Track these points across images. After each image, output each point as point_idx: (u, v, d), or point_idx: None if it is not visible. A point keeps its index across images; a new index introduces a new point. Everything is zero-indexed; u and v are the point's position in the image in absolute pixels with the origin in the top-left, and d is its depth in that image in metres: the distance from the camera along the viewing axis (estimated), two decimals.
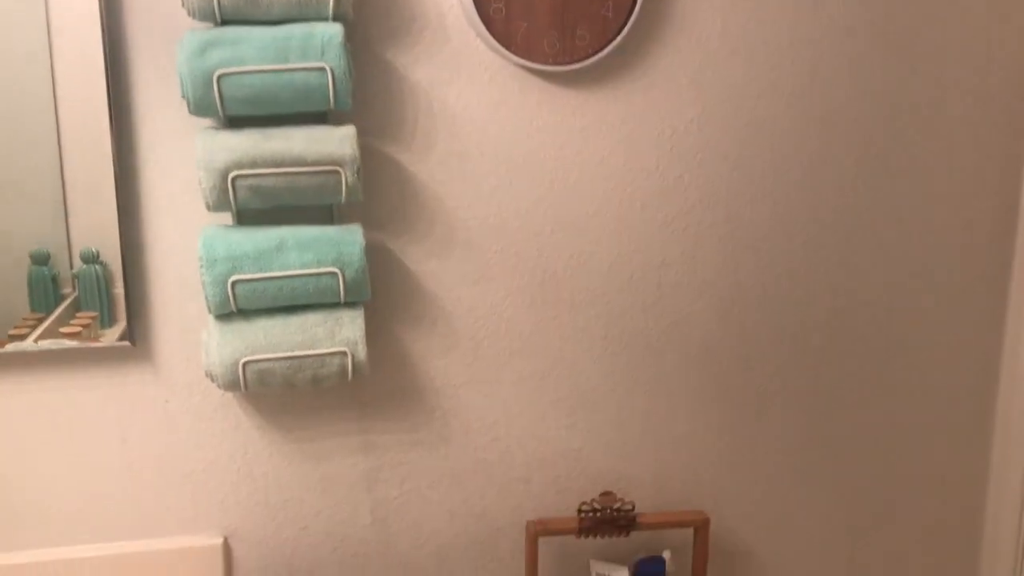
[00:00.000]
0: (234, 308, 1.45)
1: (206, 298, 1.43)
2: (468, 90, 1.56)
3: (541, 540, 1.74)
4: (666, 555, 1.71)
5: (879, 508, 1.86)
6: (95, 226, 1.47)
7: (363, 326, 1.48)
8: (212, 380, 1.48)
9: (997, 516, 1.86)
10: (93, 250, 1.48)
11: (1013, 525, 1.82)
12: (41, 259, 1.47)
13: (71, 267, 1.47)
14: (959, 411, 1.85)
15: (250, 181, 1.39)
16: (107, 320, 1.50)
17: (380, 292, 1.59)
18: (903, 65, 1.68)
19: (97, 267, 1.48)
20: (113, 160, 1.44)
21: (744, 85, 1.64)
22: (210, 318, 1.48)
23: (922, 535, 1.89)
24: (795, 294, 1.74)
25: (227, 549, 1.62)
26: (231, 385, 1.46)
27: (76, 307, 1.49)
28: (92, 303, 1.49)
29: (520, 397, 1.68)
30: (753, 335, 1.74)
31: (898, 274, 1.77)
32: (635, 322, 1.69)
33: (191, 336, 1.54)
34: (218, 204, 1.41)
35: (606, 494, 1.67)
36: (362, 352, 1.48)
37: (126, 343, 1.50)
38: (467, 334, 1.63)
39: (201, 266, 1.42)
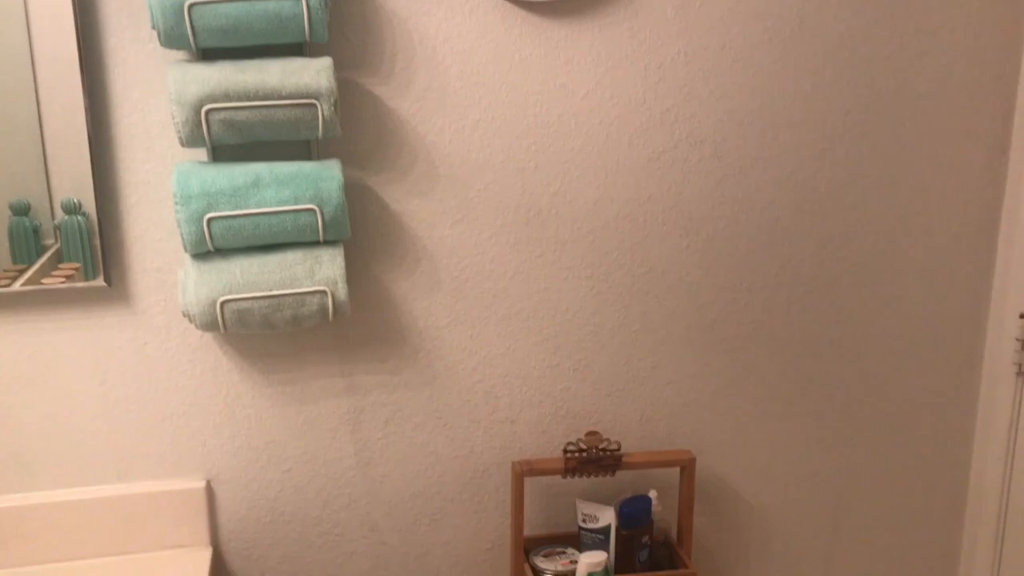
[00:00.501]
0: (211, 247, 1.41)
1: (182, 236, 1.40)
2: (449, 21, 1.51)
3: (527, 481, 1.73)
4: (652, 495, 1.70)
5: (866, 447, 1.86)
6: (76, 176, 1.43)
7: (343, 265, 1.45)
8: (190, 320, 1.45)
9: (984, 453, 1.86)
10: (75, 200, 1.44)
11: (1000, 457, 1.82)
12: (21, 210, 1.43)
13: (53, 218, 1.44)
14: (946, 350, 1.84)
15: (224, 115, 1.35)
16: (91, 272, 1.47)
17: (360, 231, 1.56)
18: None
19: (79, 218, 1.45)
20: (84, 99, 1.40)
21: (731, 17, 1.60)
22: (187, 257, 1.45)
23: (909, 474, 1.89)
24: (782, 233, 1.72)
25: (210, 492, 1.61)
26: (209, 325, 1.44)
27: (59, 259, 1.46)
28: (75, 254, 1.46)
29: (505, 338, 1.66)
30: (740, 274, 1.72)
31: (887, 214, 1.74)
32: (621, 261, 1.67)
33: (168, 277, 1.51)
34: (192, 139, 1.38)
35: (592, 434, 1.66)
36: (342, 291, 1.46)
37: (102, 283, 1.47)
38: (450, 274, 1.61)
39: (176, 203, 1.38)
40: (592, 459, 1.65)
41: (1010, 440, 1.79)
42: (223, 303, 1.42)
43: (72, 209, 1.44)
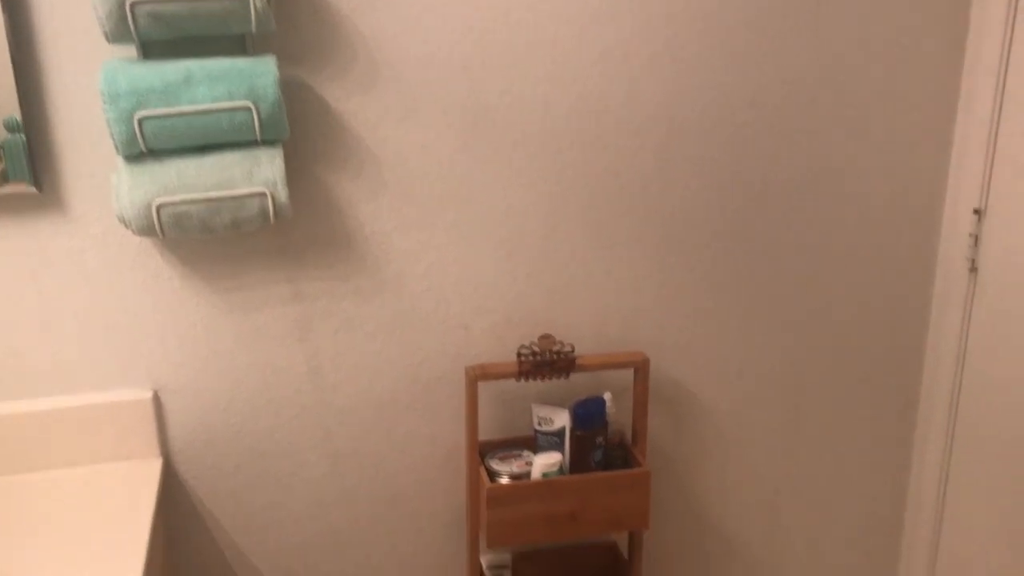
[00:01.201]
0: (143, 147, 1.36)
1: (112, 137, 1.35)
2: None
3: (482, 386, 1.72)
4: (606, 396, 1.70)
5: (822, 347, 1.87)
6: (14, 92, 1.37)
7: (282, 166, 1.41)
8: (126, 226, 1.40)
9: (937, 349, 1.88)
10: (16, 119, 1.38)
11: (952, 351, 1.84)
12: None
13: None
14: (901, 247, 1.83)
15: (150, 6, 1.29)
16: (23, 180, 1.41)
17: (300, 132, 1.51)
18: None
19: (22, 136, 1.39)
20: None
21: None
22: (119, 160, 1.39)
23: (864, 372, 1.90)
24: (738, 133, 1.68)
25: (158, 402, 1.58)
26: (146, 230, 1.39)
27: (4, 178, 1.40)
28: (20, 173, 1.40)
29: (455, 242, 1.63)
30: (694, 174, 1.69)
31: (843, 113, 1.71)
32: (572, 162, 1.63)
33: (103, 183, 1.46)
34: (117, 34, 1.31)
35: (545, 337, 1.65)
36: (283, 193, 1.41)
37: (31, 189, 1.42)
38: (396, 176, 1.57)
39: (104, 102, 1.33)
40: (546, 362, 1.64)
41: (962, 335, 1.80)
42: (159, 207, 1.37)
43: (14, 127, 1.38)
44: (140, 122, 1.33)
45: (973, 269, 1.76)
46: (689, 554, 1.94)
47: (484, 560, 1.78)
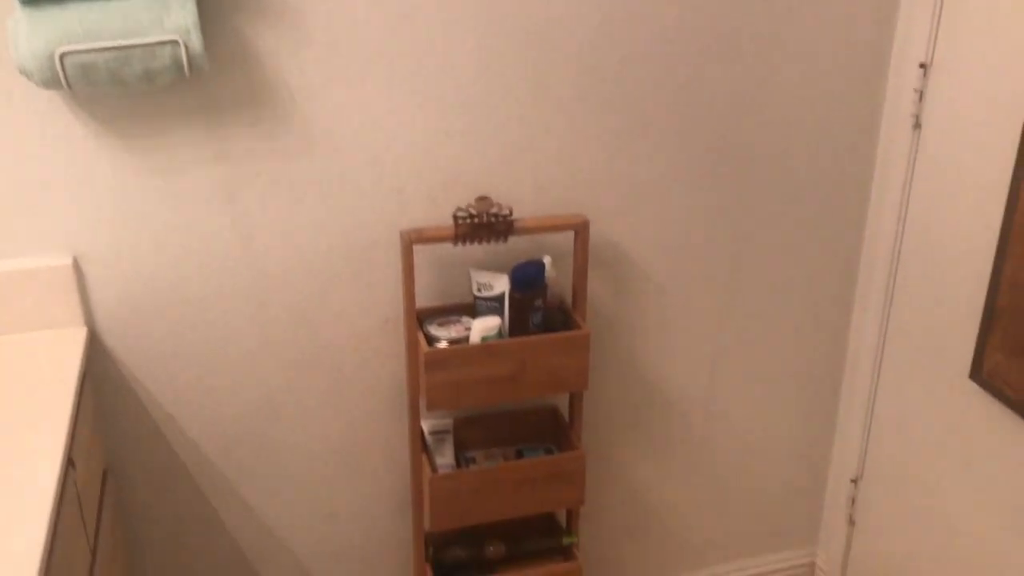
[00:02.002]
0: None
1: None
2: None
3: (419, 252, 1.68)
4: (546, 260, 1.67)
5: (763, 210, 1.84)
6: None
7: (195, 12, 1.32)
8: (28, 78, 1.31)
9: (879, 209, 1.87)
10: None
11: (894, 208, 1.83)
12: None
13: None
14: (846, 104, 1.79)
15: None
16: None
17: None
18: None
19: None
20: None
21: None
22: (15, 4, 1.29)
23: (806, 234, 1.89)
24: None
25: (78, 269, 1.52)
26: (50, 82, 1.30)
27: None
28: None
29: (387, 99, 1.56)
30: (638, 32, 1.62)
31: None
32: (510, 13, 1.55)
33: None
34: None
35: (482, 199, 1.60)
36: (196, 42, 1.33)
37: None
38: (320, 26, 1.48)
39: None
40: (483, 224, 1.60)
41: (904, 192, 1.79)
42: (62, 56, 1.28)
43: None
44: None
45: (917, 126, 1.73)
46: (629, 415, 1.95)
47: (426, 425, 1.77)
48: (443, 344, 1.62)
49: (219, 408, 1.68)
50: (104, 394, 1.61)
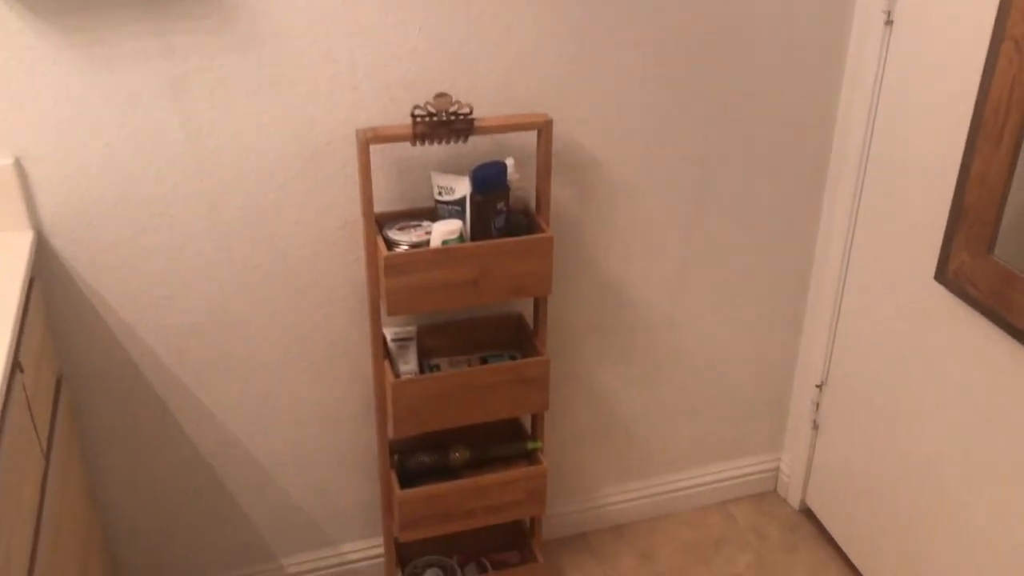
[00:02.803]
0: None
1: None
2: None
3: (378, 155, 1.63)
4: (508, 161, 1.62)
5: (732, 112, 1.80)
6: None
7: None
8: None
9: (848, 110, 1.83)
10: None
11: (864, 108, 1.79)
12: None
13: None
14: (815, 4, 1.74)
15: None
16: None
17: None
18: None
19: None
20: None
21: None
22: None
23: (775, 138, 1.85)
24: None
25: (20, 170, 1.46)
26: None
27: None
28: None
29: None
30: None
31: None
32: None
33: None
34: None
35: (441, 96, 1.54)
36: None
37: None
38: None
39: None
40: (442, 123, 1.55)
41: (875, 91, 1.75)
42: None
43: None
44: None
45: (889, 22, 1.68)
46: (595, 322, 1.93)
47: (388, 332, 1.75)
48: (403, 248, 1.59)
49: (174, 314, 1.65)
50: (55, 300, 1.57)
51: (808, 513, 2.19)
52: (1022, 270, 1.46)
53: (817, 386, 2.06)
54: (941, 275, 1.62)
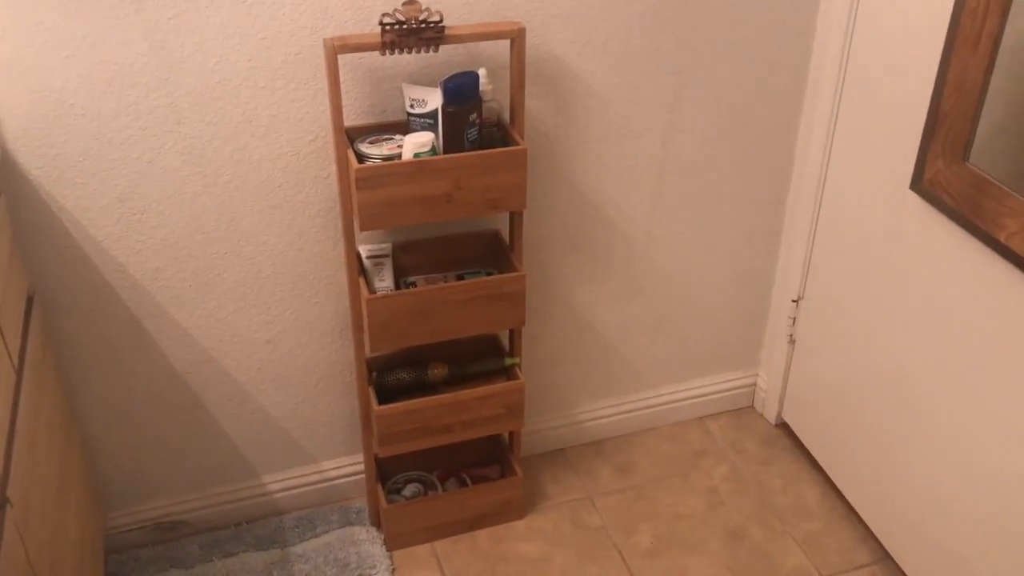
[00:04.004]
0: None
1: None
2: None
3: (348, 66, 1.60)
4: (481, 72, 1.60)
5: (709, 19, 1.77)
6: None
7: None
8: None
9: (828, 14, 1.80)
10: None
11: (841, 27, 1.77)
12: None
13: None
14: None
15: None
16: None
17: None
18: None
19: None
20: None
21: None
22: None
23: (751, 48, 1.83)
24: None
25: None
26: None
27: None
28: None
29: None
30: None
31: None
32: None
33: None
34: None
35: (410, 3, 1.51)
36: None
37: None
38: None
39: None
40: (412, 31, 1.51)
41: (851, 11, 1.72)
42: None
43: None
44: None
45: None
46: (572, 237, 1.92)
47: (363, 250, 1.74)
48: (375, 162, 1.57)
49: (145, 230, 1.63)
50: (22, 217, 1.55)
51: (784, 427, 2.22)
52: (995, 176, 1.45)
53: (794, 301, 2.07)
54: (917, 184, 1.61)
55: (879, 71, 1.70)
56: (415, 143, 1.57)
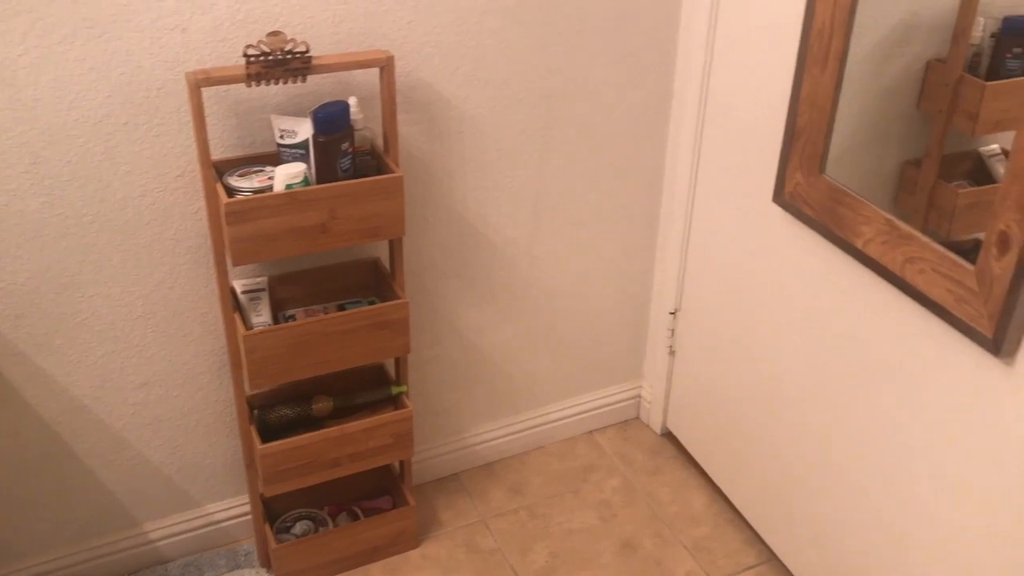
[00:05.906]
0: None
1: None
2: None
3: (216, 100, 1.57)
4: (351, 100, 1.59)
5: (577, 40, 1.81)
6: None
7: None
8: None
9: (688, 34, 1.86)
10: None
11: (701, 46, 1.83)
12: None
13: None
14: None
15: None
16: None
17: None
18: None
19: None
20: None
21: None
22: None
23: (619, 50, 1.87)
24: None
25: None
26: None
27: None
28: None
29: None
30: None
31: None
32: None
33: None
34: None
35: (274, 34, 1.49)
36: None
37: None
38: None
39: None
40: (278, 62, 1.49)
41: (711, 21, 1.79)
42: None
43: None
44: None
45: None
46: (453, 262, 1.93)
47: (238, 285, 1.70)
48: (245, 195, 1.54)
49: (3, 277, 1.55)
50: None
51: (670, 436, 2.27)
52: (850, 186, 1.53)
53: (671, 313, 2.12)
54: (779, 196, 1.68)
55: (738, 90, 1.77)
56: (286, 174, 1.54)
